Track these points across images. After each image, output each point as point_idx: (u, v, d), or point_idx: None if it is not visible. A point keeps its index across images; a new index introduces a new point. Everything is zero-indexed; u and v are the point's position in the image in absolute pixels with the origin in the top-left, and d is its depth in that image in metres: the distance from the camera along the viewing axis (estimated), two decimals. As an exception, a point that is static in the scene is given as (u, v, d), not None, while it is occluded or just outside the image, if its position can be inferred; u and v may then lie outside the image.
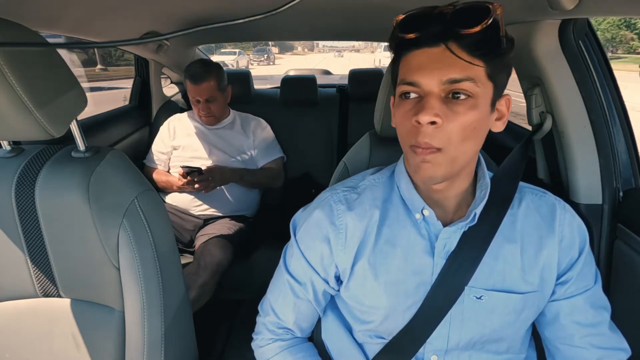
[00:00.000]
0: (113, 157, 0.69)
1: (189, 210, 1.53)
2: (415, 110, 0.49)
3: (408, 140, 0.51)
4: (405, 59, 0.51)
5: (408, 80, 0.50)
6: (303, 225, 0.63)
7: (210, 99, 1.53)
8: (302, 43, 46.85)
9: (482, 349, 0.59)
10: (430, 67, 0.48)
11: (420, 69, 0.48)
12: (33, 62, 0.54)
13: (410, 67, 0.50)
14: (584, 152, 0.87)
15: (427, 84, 0.48)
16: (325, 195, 0.63)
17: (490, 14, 0.45)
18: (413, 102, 0.50)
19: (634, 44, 25.80)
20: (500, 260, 0.57)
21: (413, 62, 0.49)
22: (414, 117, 0.48)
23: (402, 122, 0.52)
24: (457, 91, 0.47)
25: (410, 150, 0.51)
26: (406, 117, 0.50)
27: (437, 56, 0.48)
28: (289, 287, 0.64)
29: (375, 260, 0.58)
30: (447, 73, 0.47)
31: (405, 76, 0.50)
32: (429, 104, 0.47)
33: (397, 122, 0.54)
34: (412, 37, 0.49)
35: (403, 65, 0.51)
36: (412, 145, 0.50)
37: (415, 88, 0.49)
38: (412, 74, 0.49)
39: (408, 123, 0.50)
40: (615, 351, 0.58)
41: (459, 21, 0.46)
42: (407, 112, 0.50)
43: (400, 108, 0.52)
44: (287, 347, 0.66)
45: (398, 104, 0.53)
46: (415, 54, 0.50)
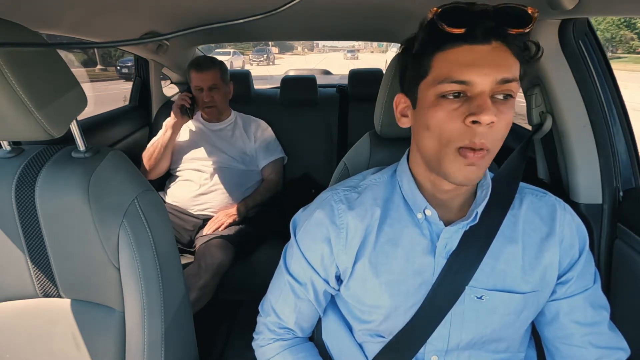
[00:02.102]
0: (113, 158, 0.69)
1: (188, 210, 1.53)
2: (466, 109, 0.47)
3: (455, 142, 0.48)
4: (444, 55, 0.48)
5: (458, 79, 0.47)
6: (303, 225, 0.63)
7: (213, 87, 1.55)
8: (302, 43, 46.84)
9: (482, 349, 0.59)
10: (482, 65, 0.46)
11: (472, 67, 0.46)
12: (33, 62, 0.54)
13: (459, 64, 0.47)
14: (584, 152, 0.87)
15: (482, 82, 0.46)
16: (326, 195, 0.63)
17: (533, 17, 0.46)
18: (460, 101, 0.47)
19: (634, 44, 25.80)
20: (501, 260, 0.57)
21: (461, 59, 0.47)
22: (471, 116, 0.46)
23: (446, 123, 0.48)
24: (505, 91, 0.47)
25: (456, 152, 0.48)
26: (453, 117, 0.48)
27: (488, 54, 0.46)
28: (289, 288, 0.64)
29: (377, 259, 0.58)
30: (500, 72, 0.46)
31: (453, 74, 0.47)
32: (488, 104, 0.46)
33: (435, 124, 0.49)
34: (461, 32, 0.46)
35: (442, 62, 0.48)
36: (463, 147, 0.48)
37: (466, 87, 0.47)
38: (462, 72, 0.46)
39: (456, 124, 0.47)
40: (614, 350, 0.58)
41: (508, 20, 0.45)
42: (453, 112, 0.47)
43: (441, 108, 0.48)
44: (288, 347, 0.66)
45: (435, 104, 0.49)
46: (461, 50, 0.47)
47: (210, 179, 1.55)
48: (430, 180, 0.57)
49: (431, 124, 0.50)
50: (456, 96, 0.48)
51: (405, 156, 0.62)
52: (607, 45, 24.75)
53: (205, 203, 1.53)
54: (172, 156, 1.60)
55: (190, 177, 1.56)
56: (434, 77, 0.49)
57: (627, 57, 23.31)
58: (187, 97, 1.55)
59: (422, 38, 0.50)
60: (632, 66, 17.39)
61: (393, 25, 1.53)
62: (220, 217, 1.49)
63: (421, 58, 0.51)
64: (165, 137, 1.53)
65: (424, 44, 0.50)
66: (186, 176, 1.57)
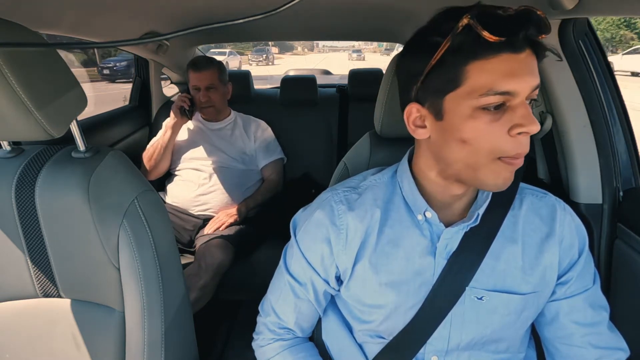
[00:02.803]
0: (113, 158, 0.69)
1: (188, 210, 1.53)
2: (507, 120, 0.46)
3: (496, 152, 0.47)
4: (481, 64, 0.45)
5: (501, 90, 0.44)
6: (303, 225, 0.63)
7: (211, 87, 1.56)
8: (302, 43, 46.84)
9: (482, 349, 0.59)
10: (523, 74, 0.44)
11: (514, 77, 0.44)
12: (33, 62, 0.54)
13: (501, 74, 0.44)
14: (584, 152, 0.87)
15: (522, 92, 0.45)
16: (326, 196, 0.63)
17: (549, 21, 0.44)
18: (500, 112, 0.46)
19: (634, 44, 25.81)
20: (501, 261, 0.57)
21: (503, 69, 0.44)
22: (519, 128, 0.45)
23: (488, 136, 0.46)
24: (533, 97, 0.47)
25: (496, 161, 0.47)
26: (494, 129, 0.46)
27: (524, 62, 0.45)
28: (289, 288, 0.64)
29: (377, 260, 0.58)
30: (534, 79, 0.45)
31: (495, 85, 0.44)
32: (531, 114, 0.45)
33: (474, 137, 0.47)
34: (503, 40, 0.43)
35: (480, 71, 0.45)
36: (505, 157, 0.47)
37: (508, 97, 0.45)
38: (506, 83, 0.44)
39: (499, 136, 0.46)
40: (614, 351, 0.58)
41: (536, 25, 0.43)
42: (495, 124, 0.46)
43: (480, 121, 0.46)
44: (288, 347, 0.66)
45: (473, 117, 0.46)
46: (502, 59, 0.44)
47: (209, 178, 1.55)
48: (439, 185, 0.56)
49: (469, 137, 0.47)
50: (497, 107, 0.46)
51: (406, 157, 0.62)
52: (607, 45, 24.75)
53: (205, 203, 1.53)
54: (171, 156, 1.60)
55: (189, 177, 1.56)
56: (471, 88, 0.45)
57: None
58: (186, 97, 1.55)
59: (452, 46, 0.45)
60: (632, 66, 17.35)
61: (393, 25, 1.53)
62: (221, 217, 1.49)
63: (450, 67, 0.46)
64: (164, 138, 1.54)
65: (455, 53, 0.45)
66: (186, 176, 1.57)
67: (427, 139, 0.54)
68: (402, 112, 0.56)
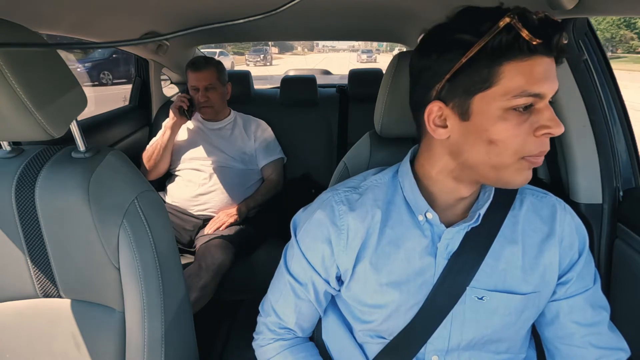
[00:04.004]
0: (113, 158, 0.69)
1: (188, 210, 1.53)
2: (534, 121, 0.47)
3: (521, 152, 0.48)
4: (517, 65, 0.45)
5: (534, 92, 0.45)
6: (304, 225, 0.63)
7: (210, 87, 1.55)
8: (302, 43, 46.86)
9: (482, 349, 0.59)
10: (552, 78, 0.46)
11: (546, 79, 0.45)
12: (33, 62, 0.54)
13: (535, 77, 0.45)
14: (584, 152, 0.87)
15: (549, 94, 0.47)
16: (327, 196, 0.63)
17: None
18: (528, 113, 0.47)
19: (634, 44, 25.80)
20: (501, 261, 0.57)
21: (537, 71, 0.45)
22: (545, 129, 0.46)
23: (516, 137, 0.47)
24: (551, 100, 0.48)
25: (521, 161, 0.48)
26: (522, 130, 0.47)
27: (552, 66, 0.47)
28: (290, 288, 0.64)
29: (378, 261, 0.58)
30: (557, 84, 0.47)
31: (529, 87, 0.45)
32: (555, 116, 0.47)
33: (503, 138, 0.47)
34: (541, 42, 0.44)
35: (515, 73, 0.45)
36: (528, 156, 0.48)
37: (536, 99, 0.46)
38: (539, 85, 0.45)
39: (526, 136, 0.47)
40: (614, 351, 0.58)
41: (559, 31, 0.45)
42: (522, 125, 0.47)
43: (510, 121, 0.47)
44: (288, 347, 0.66)
45: (503, 117, 0.47)
46: (537, 62, 0.45)
47: (209, 178, 1.55)
48: (446, 186, 0.56)
49: (498, 138, 0.47)
50: (525, 109, 0.47)
51: (407, 157, 0.61)
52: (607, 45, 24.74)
53: (205, 203, 1.53)
54: (171, 156, 1.60)
55: (189, 177, 1.56)
56: (504, 89, 0.46)
57: (627, 57, 23.31)
58: (185, 98, 1.55)
59: (489, 45, 0.45)
60: (632, 66, 17.39)
61: (393, 25, 1.53)
62: (221, 217, 1.49)
63: (483, 67, 0.46)
64: (164, 139, 1.54)
65: (491, 52, 0.45)
66: (186, 176, 1.57)
67: (445, 140, 0.53)
68: (410, 111, 0.56)
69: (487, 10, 0.46)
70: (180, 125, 1.57)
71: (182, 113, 1.53)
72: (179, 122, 1.55)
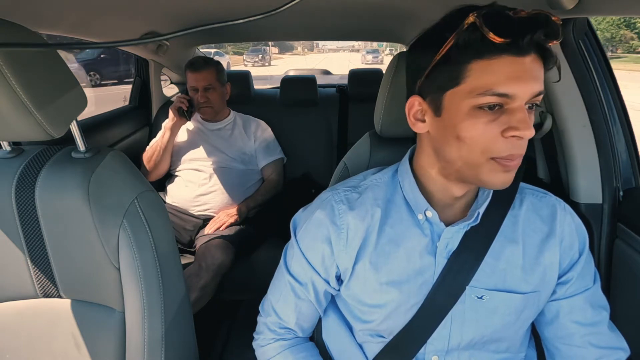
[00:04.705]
0: (113, 158, 0.69)
1: (188, 210, 1.53)
2: (504, 122, 0.46)
3: (490, 152, 0.47)
4: (483, 64, 0.45)
5: (500, 92, 0.44)
6: (304, 225, 0.63)
7: (209, 87, 1.55)
8: (302, 43, 46.86)
9: (482, 349, 0.59)
10: (525, 78, 0.44)
11: (516, 80, 0.44)
12: (33, 62, 0.54)
13: (502, 76, 0.44)
14: (584, 151, 0.87)
15: (522, 96, 0.45)
16: (326, 195, 0.63)
17: (560, 27, 0.44)
18: (497, 113, 0.46)
19: (634, 43, 25.80)
20: (501, 260, 0.57)
21: (505, 71, 0.44)
22: (513, 131, 0.45)
23: (483, 136, 0.47)
24: (535, 102, 0.47)
25: (492, 161, 0.48)
26: (490, 129, 0.46)
27: (528, 66, 0.44)
28: (290, 288, 0.64)
29: (378, 260, 0.58)
30: (537, 85, 0.45)
31: (495, 86, 0.44)
32: (527, 119, 0.45)
33: (469, 136, 0.47)
34: (507, 41, 0.42)
35: (481, 72, 0.45)
36: (497, 157, 0.47)
37: (506, 99, 0.45)
38: (506, 85, 0.44)
39: (493, 136, 0.46)
40: (614, 350, 0.58)
41: (545, 31, 0.43)
42: (490, 124, 0.46)
43: (476, 120, 0.46)
44: (288, 347, 0.66)
45: (470, 115, 0.47)
46: (505, 61, 0.44)
47: (209, 179, 1.55)
48: (440, 184, 0.56)
49: (465, 135, 0.47)
50: (491, 107, 0.46)
51: (407, 157, 0.62)
52: (607, 45, 24.73)
53: (205, 204, 1.53)
54: (171, 157, 1.60)
55: (189, 178, 1.56)
56: (470, 87, 0.46)
57: (627, 56, 23.31)
58: (185, 98, 1.55)
59: (457, 43, 0.45)
60: (632, 66, 17.39)
61: (393, 25, 1.53)
62: (221, 217, 1.49)
63: (453, 64, 0.46)
64: (164, 140, 1.54)
65: (459, 50, 0.45)
66: (186, 176, 1.57)
67: (428, 134, 0.54)
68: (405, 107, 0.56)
69: (477, 8, 0.45)
70: (179, 126, 1.57)
71: (181, 114, 1.53)
72: (178, 122, 1.55)
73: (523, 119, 0.45)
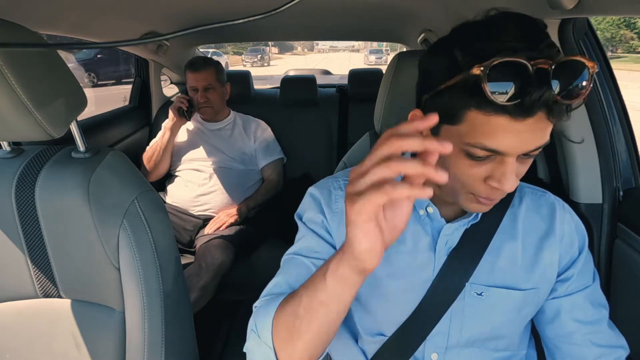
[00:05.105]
0: (113, 158, 0.69)
1: (188, 210, 1.53)
2: (489, 170, 0.45)
3: (469, 189, 0.48)
4: (480, 116, 0.42)
5: (491, 148, 0.43)
6: (303, 206, 0.63)
7: (209, 87, 1.55)
8: (302, 43, 46.85)
9: (482, 346, 0.59)
10: (522, 139, 0.42)
11: (509, 140, 0.42)
12: (33, 62, 0.54)
13: (495, 134, 0.42)
14: (584, 151, 0.87)
15: (515, 153, 0.43)
16: (326, 181, 0.63)
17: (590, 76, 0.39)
18: (485, 162, 0.45)
19: (634, 43, 25.80)
20: (501, 258, 0.57)
21: (500, 129, 0.42)
22: (494, 182, 0.45)
23: (467, 175, 0.47)
24: (534, 154, 0.45)
25: (469, 194, 0.48)
26: (474, 172, 0.46)
27: (529, 127, 0.41)
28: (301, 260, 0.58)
29: None
30: (535, 143, 0.43)
31: (486, 142, 0.42)
32: (512, 175, 0.44)
33: (454, 170, 0.47)
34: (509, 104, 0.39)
35: (476, 122, 0.43)
36: (476, 195, 0.47)
37: (495, 155, 0.44)
38: (497, 143, 0.42)
39: (476, 178, 0.46)
40: (614, 349, 0.58)
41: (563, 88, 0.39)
42: (474, 168, 0.46)
43: (463, 161, 0.46)
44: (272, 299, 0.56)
45: (459, 155, 0.46)
46: (502, 120, 0.41)
47: (209, 179, 1.55)
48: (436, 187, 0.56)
49: (450, 168, 0.47)
50: (480, 158, 0.45)
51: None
52: (607, 45, 24.73)
53: (205, 204, 1.53)
54: (171, 157, 1.60)
55: (189, 178, 1.56)
56: (464, 132, 0.44)
57: (627, 56, 23.32)
58: (185, 99, 1.55)
59: (457, 87, 0.42)
60: (632, 66, 17.40)
61: (393, 25, 1.53)
62: (221, 217, 1.49)
63: (454, 102, 0.44)
64: (163, 140, 1.54)
65: (461, 92, 0.42)
66: (186, 176, 1.57)
67: None
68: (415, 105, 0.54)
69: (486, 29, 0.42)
70: (179, 126, 1.57)
71: (181, 114, 1.53)
72: (178, 123, 1.55)
73: (506, 173, 0.44)
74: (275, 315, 0.48)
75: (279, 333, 0.47)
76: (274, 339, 0.47)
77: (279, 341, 0.47)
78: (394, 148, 0.33)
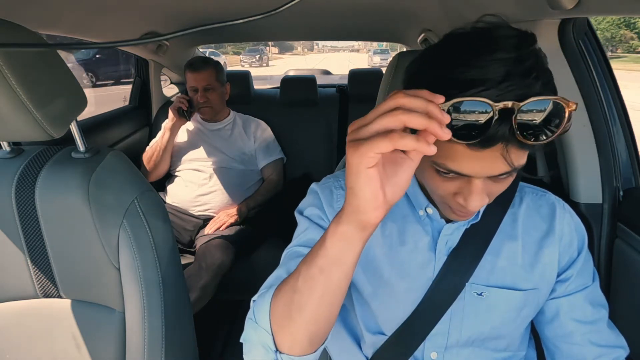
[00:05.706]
0: (113, 158, 0.69)
1: (188, 210, 1.53)
2: (457, 186, 0.46)
3: (444, 200, 0.49)
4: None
5: (452, 169, 0.43)
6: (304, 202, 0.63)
7: (208, 88, 1.55)
8: (302, 43, 46.86)
9: (482, 346, 0.59)
10: (481, 165, 0.42)
11: (469, 165, 0.42)
12: (33, 62, 0.54)
13: (454, 158, 0.42)
14: (584, 151, 0.87)
15: (477, 176, 0.43)
16: (327, 180, 0.63)
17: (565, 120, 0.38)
18: (453, 178, 0.45)
19: (634, 43, 25.81)
20: (501, 258, 0.57)
21: (458, 154, 0.42)
22: (460, 199, 0.45)
23: (438, 188, 0.47)
24: (507, 177, 0.45)
25: (444, 204, 0.50)
26: (444, 187, 0.47)
27: (490, 155, 0.41)
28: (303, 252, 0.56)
29: (381, 251, 0.58)
30: (500, 169, 0.42)
31: (450, 164, 0.43)
32: (477, 193, 0.43)
33: (428, 183, 0.48)
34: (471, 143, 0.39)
35: (443, 144, 0.40)
36: (451, 207, 0.48)
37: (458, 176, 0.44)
38: (457, 165, 0.43)
39: (445, 192, 0.47)
40: (614, 349, 0.58)
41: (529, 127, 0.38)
42: (445, 183, 0.46)
43: (435, 176, 0.46)
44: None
45: (431, 170, 0.46)
46: (460, 148, 0.41)
47: (209, 179, 1.55)
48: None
49: (425, 180, 0.49)
50: (447, 174, 0.45)
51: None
52: (607, 44, 24.74)
53: (205, 204, 1.53)
54: (171, 157, 1.60)
55: (189, 178, 1.56)
56: (437, 156, 0.42)
57: (627, 56, 23.32)
58: (184, 99, 1.55)
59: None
60: (632, 66, 17.41)
61: (393, 25, 1.53)
62: (221, 217, 1.49)
63: None
64: (163, 140, 1.54)
65: None
66: (186, 176, 1.57)
67: None
68: None
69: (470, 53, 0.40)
70: (179, 127, 1.57)
71: (181, 114, 1.53)
72: (178, 123, 1.55)
73: (472, 193, 0.44)
74: (273, 296, 0.45)
75: (276, 312, 0.44)
76: (272, 321, 0.44)
77: (276, 322, 0.44)
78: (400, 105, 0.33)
